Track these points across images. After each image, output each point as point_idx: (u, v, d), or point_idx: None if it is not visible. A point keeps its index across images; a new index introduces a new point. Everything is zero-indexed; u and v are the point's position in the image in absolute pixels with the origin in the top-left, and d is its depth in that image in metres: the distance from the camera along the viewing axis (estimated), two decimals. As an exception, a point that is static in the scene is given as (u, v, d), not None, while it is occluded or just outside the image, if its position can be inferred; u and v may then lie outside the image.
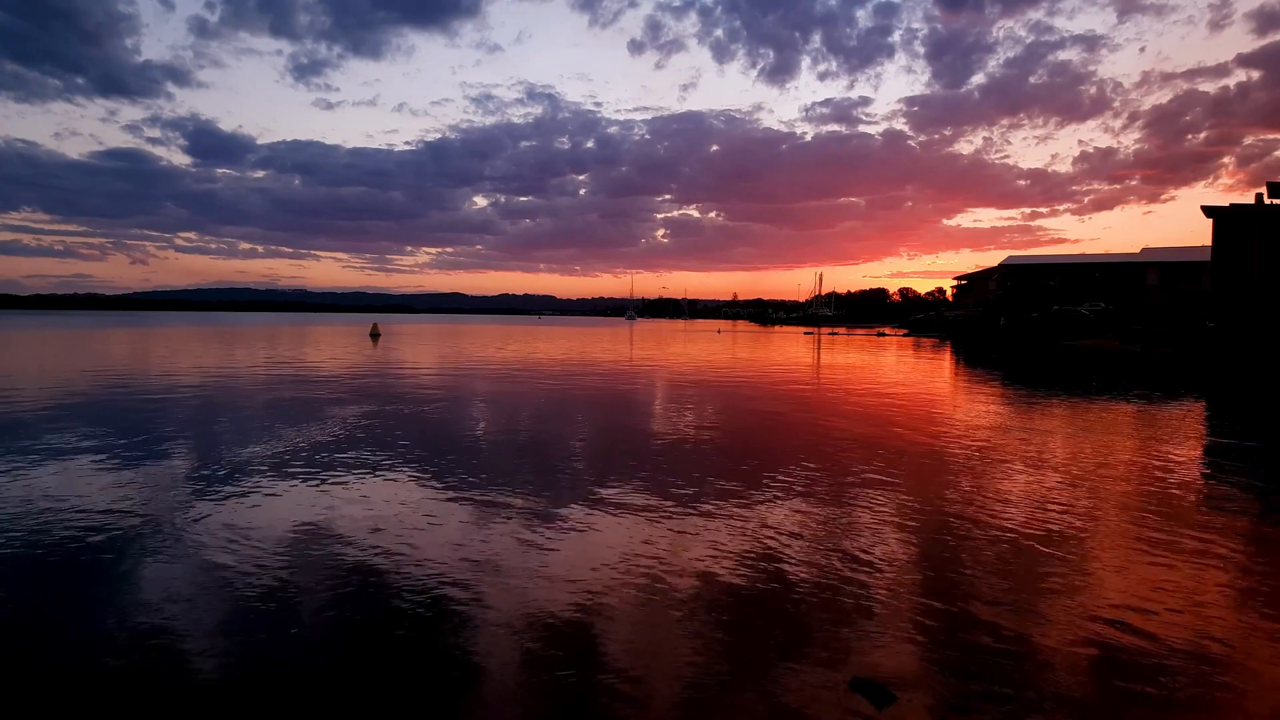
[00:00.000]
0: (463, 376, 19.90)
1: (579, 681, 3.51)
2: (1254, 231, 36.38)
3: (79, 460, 8.20)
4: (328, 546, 5.40)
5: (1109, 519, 6.36)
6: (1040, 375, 22.79)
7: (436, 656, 3.75)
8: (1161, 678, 3.58)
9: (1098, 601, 4.51)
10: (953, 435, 10.78)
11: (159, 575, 4.80)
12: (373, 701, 3.33)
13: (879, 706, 3.27)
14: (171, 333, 49.57)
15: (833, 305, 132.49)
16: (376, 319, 76.67)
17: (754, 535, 5.78)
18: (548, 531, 5.83)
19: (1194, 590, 4.71)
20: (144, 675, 3.52)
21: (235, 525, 5.87)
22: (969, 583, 4.80)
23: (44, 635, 3.96)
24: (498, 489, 7.17)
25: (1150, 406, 14.55)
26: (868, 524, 6.12)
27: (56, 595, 4.49)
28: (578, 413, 13.14)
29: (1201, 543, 5.67)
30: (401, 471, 7.89)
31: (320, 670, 3.62)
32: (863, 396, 16.02)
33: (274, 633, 4.00)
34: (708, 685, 3.50)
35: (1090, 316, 44.23)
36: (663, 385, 18.54)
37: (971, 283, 78.42)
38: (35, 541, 5.43)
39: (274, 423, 11.11)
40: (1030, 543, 5.64)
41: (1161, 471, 8.34)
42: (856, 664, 3.68)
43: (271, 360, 24.80)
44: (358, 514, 6.25)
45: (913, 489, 7.38)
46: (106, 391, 14.97)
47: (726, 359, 29.64)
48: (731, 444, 9.96)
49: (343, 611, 4.29)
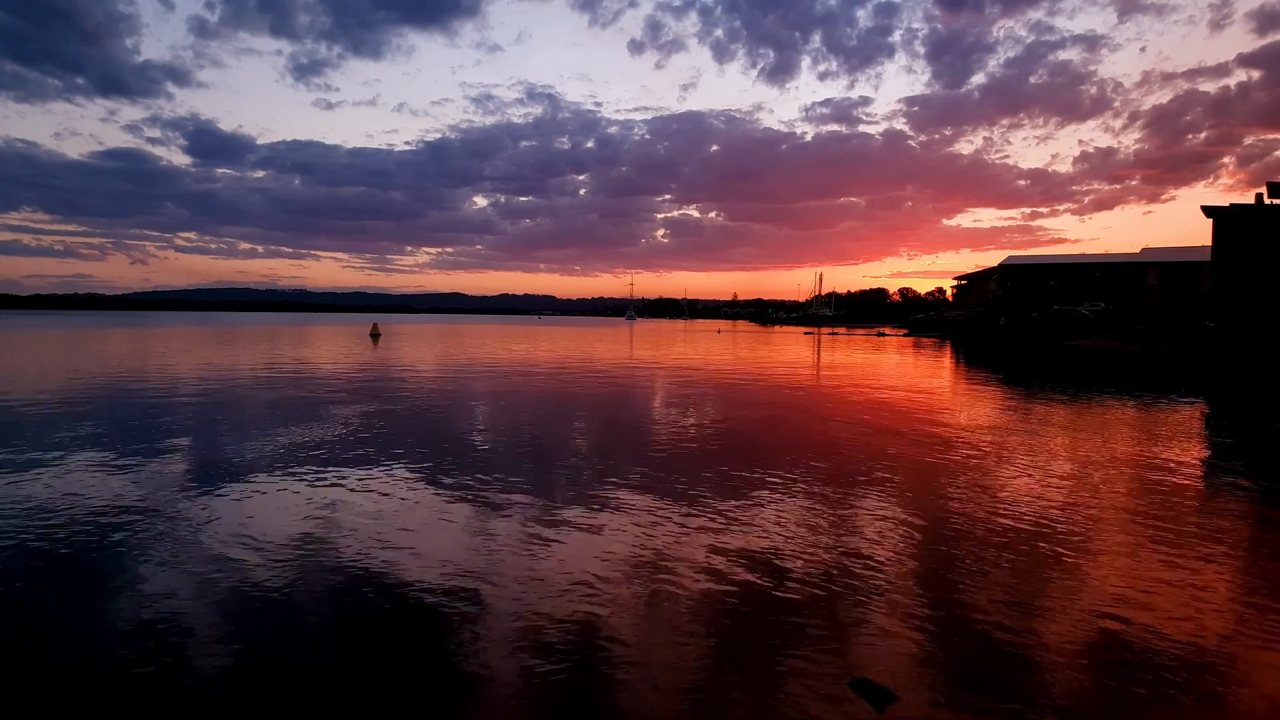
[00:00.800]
0: (464, 377, 19.90)
1: (579, 680, 3.51)
2: (1254, 231, 36.38)
3: (79, 460, 8.20)
4: (328, 546, 5.40)
5: (1109, 518, 6.36)
6: (1040, 375, 22.79)
7: (437, 655, 3.75)
8: (1162, 677, 3.58)
9: (1098, 601, 4.51)
10: (953, 435, 10.78)
11: (159, 574, 4.79)
12: (374, 701, 3.33)
13: (879, 707, 3.27)
14: (171, 333, 49.56)
15: (833, 305, 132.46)
16: (376, 319, 76.66)
17: (754, 534, 5.78)
18: (548, 531, 5.83)
19: (1195, 590, 4.71)
20: (144, 675, 3.52)
21: (235, 525, 5.86)
22: (969, 582, 4.80)
23: (44, 635, 3.96)
24: (498, 488, 7.17)
25: (1150, 406, 14.54)
26: (867, 523, 6.12)
27: (57, 595, 4.49)
28: (578, 412, 13.13)
29: (1202, 542, 5.67)
30: (402, 471, 7.89)
31: (322, 669, 3.62)
32: (863, 396, 16.02)
33: (275, 631, 3.99)
34: (708, 685, 3.50)
35: (1090, 316, 44.23)
36: (663, 385, 18.54)
37: (971, 283, 78.42)
38: (35, 541, 5.42)
39: (273, 423, 11.11)
40: (1030, 542, 5.64)
41: (1161, 471, 8.34)
42: (856, 664, 3.68)
43: (272, 360, 24.79)
44: (358, 513, 6.25)
45: (913, 488, 7.38)
46: (106, 392, 14.97)
47: (727, 359, 29.64)
48: (732, 443, 9.96)
49: (344, 611, 4.29)
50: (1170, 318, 37.73)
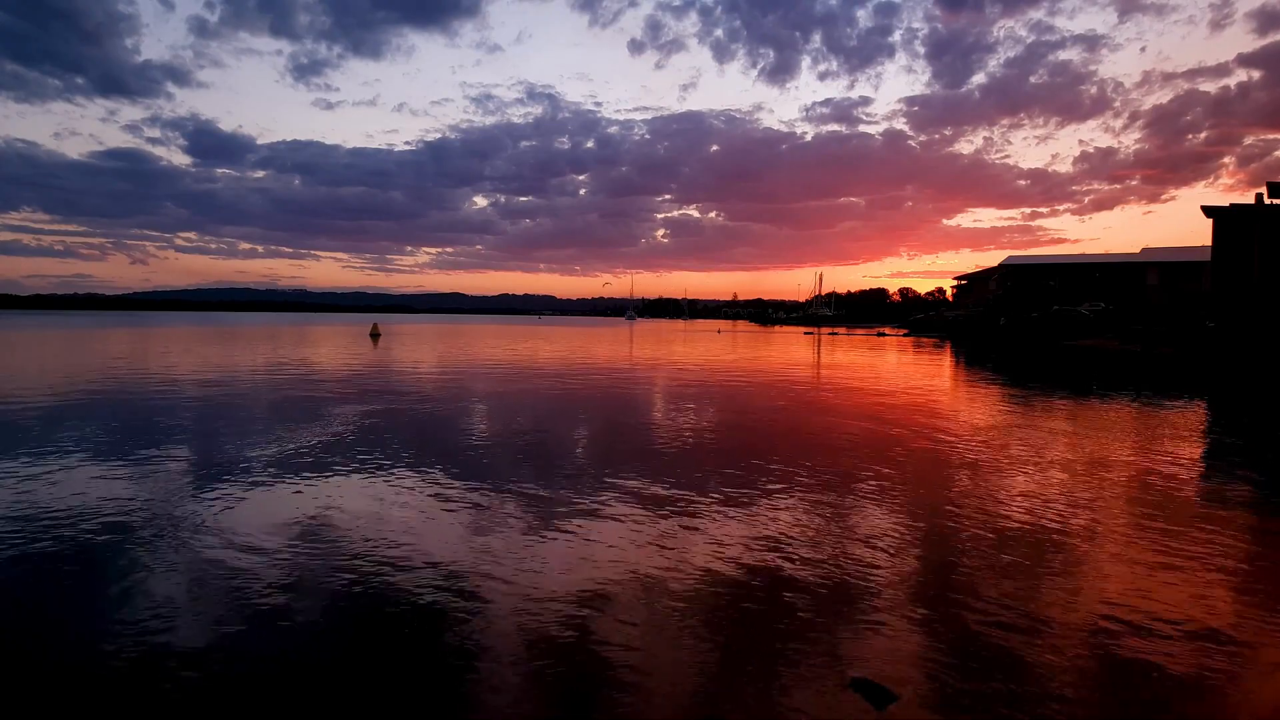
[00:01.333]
0: (464, 376, 19.90)
1: (579, 680, 3.51)
2: (1254, 231, 36.40)
3: (78, 460, 8.19)
4: (328, 545, 5.39)
5: (1109, 518, 6.36)
6: (1040, 375, 22.79)
7: (437, 655, 3.75)
8: (1163, 677, 3.58)
9: (1099, 600, 4.51)
10: (953, 435, 10.78)
11: (158, 573, 4.79)
12: (374, 701, 3.33)
13: (879, 706, 3.27)
14: (170, 333, 49.56)
15: (833, 305, 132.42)
16: (376, 319, 76.66)
17: (754, 534, 5.78)
18: (548, 530, 5.82)
19: (1196, 590, 4.71)
20: (144, 675, 3.52)
21: (234, 524, 5.86)
22: (970, 582, 4.80)
23: (44, 635, 3.96)
24: (498, 488, 7.17)
25: (1150, 407, 14.54)
26: (867, 523, 6.12)
27: (57, 595, 4.48)
28: (579, 412, 13.13)
29: (1203, 543, 5.67)
30: (401, 471, 7.89)
31: (322, 668, 3.62)
32: (863, 396, 16.02)
33: (275, 631, 3.99)
34: (708, 684, 3.50)
35: (1090, 316, 44.23)
36: (664, 385, 18.54)
37: (971, 283, 78.42)
38: (35, 541, 5.42)
39: (272, 422, 11.10)
40: (1030, 542, 5.64)
41: (1161, 471, 8.34)
42: (856, 664, 3.68)
43: (271, 360, 24.79)
44: (358, 513, 6.25)
45: (912, 488, 7.37)
46: (106, 391, 14.96)
47: (727, 359, 29.64)
48: (732, 443, 9.96)
49: (344, 610, 4.28)
50: (1170, 318, 37.74)
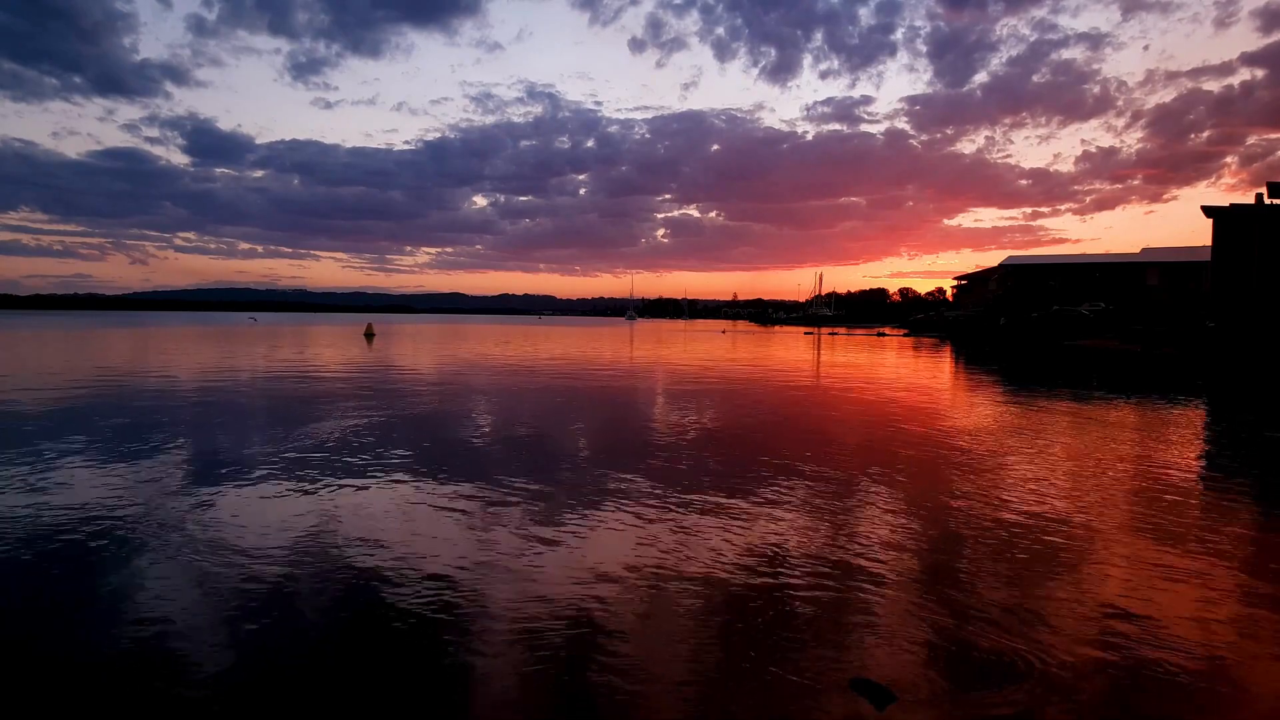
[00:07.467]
0: (464, 377, 19.88)
1: (579, 681, 3.49)
2: (1254, 231, 36.40)
3: (78, 460, 8.17)
4: (327, 545, 5.37)
5: (1110, 519, 6.33)
6: (1040, 375, 22.77)
7: (436, 655, 3.73)
8: (1164, 677, 3.56)
9: (1100, 601, 4.49)
10: (952, 435, 10.76)
11: (157, 574, 4.77)
12: (375, 700, 3.31)
13: (879, 707, 3.25)
14: (169, 333, 49.54)
15: (833, 305, 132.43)
16: (375, 319, 76.69)
17: (754, 534, 5.76)
18: (548, 531, 5.80)
19: (1196, 590, 4.69)
20: (144, 675, 3.50)
21: (233, 524, 5.84)
22: (970, 582, 4.78)
23: (44, 635, 3.94)
24: (497, 489, 7.15)
25: (1150, 407, 14.53)
26: (868, 523, 6.10)
27: (57, 594, 4.46)
28: (579, 413, 13.11)
29: (1203, 543, 5.65)
30: (400, 471, 7.86)
31: (321, 669, 3.60)
32: (862, 396, 16.00)
33: (274, 630, 3.97)
34: (707, 685, 3.47)
35: (1090, 316, 44.23)
36: (664, 385, 18.53)
37: (972, 283, 78.39)
38: (35, 541, 5.40)
39: (269, 422, 11.09)
40: (1031, 542, 5.62)
41: (1162, 471, 8.32)
42: (856, 664, 3.66)
43: (269, 360, 24.77)
44: (357, 513, 6.23)
45: (912, 488, 7.35)
46: (105, 391, 14.95)
47: (727, 359, 29.62)
48: (732, 443, 9.94)
49: (344, 611, 4.26)
50: (1170, 318, 37.73)
